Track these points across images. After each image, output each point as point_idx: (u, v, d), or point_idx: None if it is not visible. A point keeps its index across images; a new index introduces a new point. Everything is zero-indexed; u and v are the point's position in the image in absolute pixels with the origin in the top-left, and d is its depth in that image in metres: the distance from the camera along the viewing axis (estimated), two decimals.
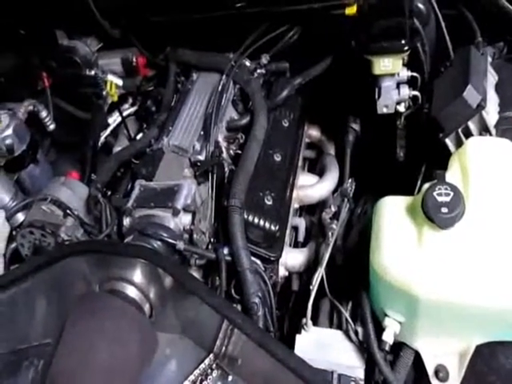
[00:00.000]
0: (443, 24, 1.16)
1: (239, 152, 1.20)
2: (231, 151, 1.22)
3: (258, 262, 1.06)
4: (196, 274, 1.08)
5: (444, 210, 0.76)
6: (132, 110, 1.54)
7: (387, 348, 0.85)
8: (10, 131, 1.25)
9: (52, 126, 1.43)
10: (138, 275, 0.87)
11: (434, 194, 0.78)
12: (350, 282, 0.99)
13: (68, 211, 1.09)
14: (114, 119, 1.53)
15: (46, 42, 1.51)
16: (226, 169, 1.17)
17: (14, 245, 1.13)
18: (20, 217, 1.20)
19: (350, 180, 1.18)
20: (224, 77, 1.31)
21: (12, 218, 1.20)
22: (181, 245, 0.98)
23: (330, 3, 1.23)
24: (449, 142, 1.01)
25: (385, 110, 1.17)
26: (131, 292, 0.87)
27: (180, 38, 1.45)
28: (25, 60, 1.51)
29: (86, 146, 1.42)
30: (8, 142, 1.24)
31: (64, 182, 1.18)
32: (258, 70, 1.36)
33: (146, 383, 0.87)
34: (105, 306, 0.84)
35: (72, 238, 1.08)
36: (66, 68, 1.46)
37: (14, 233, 1.17)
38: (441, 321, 0.81)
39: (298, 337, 0.94)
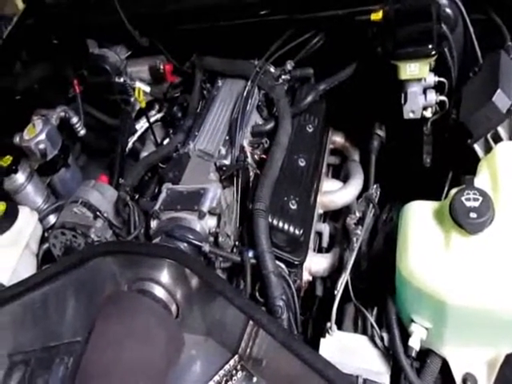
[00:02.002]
0: (471, 29, 1.15)
1: (264, 157, 1.21)
2: (256, 156, 1.23)
3: (283, 265, 1.07)
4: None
5: (473, 215, 0.75)
6: (159, 116, 1.57)
7: (413, 354, 0.84)
8: (43, 136, 1.29)
9: (82, 132, 1.47)
10: (165, 276, 0.89)
11: (463, 198, 0.78)
12: (375, 288, 0.98)
13: (98, 213, 1.12)
14: (141, 125, 1.56)
15: (78, 50, 1.56)
16: (251, 173, 1.18)
17: (46, 245, 1.17)
18: (52, 219, 1.24)
19: (375, 186, 1.18)
20: (249, 83, 1.32)
21: (44, 220, 1.24)
22: (206, 247, 1.00)
23: (355, 9, 1.24)
24: (477, 147, 1.00)
25: (411, 116, 1.17)
26: (159, 292, 0.89)
27: (206, 45, 1.48)
28: (57, 68, 1.56)
29: (115, 151, 1.45)
30: (41, 146, 1.28)
31: (94, 186, 1.21)
32: (283, 76, 1.37)
33: (172, 383, 0.89)
34: (134, 305, 0.86)
35: (101, 239, 1.11)
36: (97, 75, 1.50)
37: (46, 234, 1.20)
38: (469, 328, 0.80)
39: (322, 340, 0.94)
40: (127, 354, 0.81)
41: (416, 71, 1.12)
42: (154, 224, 1.07)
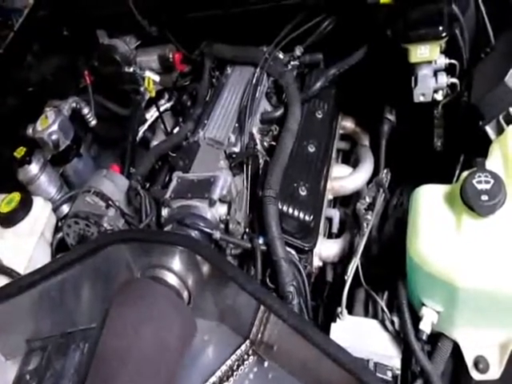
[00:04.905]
0: (483, 9, 1.12)
1: (273, 144, 1.21)
2: (265, 143, 1.23)
3: (293, 252, 1.07)
4: None
5: (484, 197, 0.75)
6: (168, 105, 1.57)
7: (424, 338, 0.84)
8: (55, 127, 1.31)
9: (94, 122, 1.48)
10: (177, 263, 0.90)
11: (474, 181, 0.77)
12: (385, 273, 0.98)
13: (110, 202, 1.14)
14: (152, 114, 1.57)
15: (88, 41, 1.57)
16: (261, 160, 1.18)
17: (60, 235, 1.19)
18: (65, 208, 1.26)
19: (385, 170, 1.18)
20: (258, 70, 1.32)
21: (58, 210, 1.26)
22: (217, 234, 1.00)
23: None
24: (489, 129, 0.99)
25: (422, 99, 1.15)
26: (171, 279, 0.90)
27: (214, 33, 1.47)
28: (68, 59, 1.58)
29: (126, 141, 1.47)
30: (54, 137, 1.30)
31: (106, 175, 1.23)
32: (292, 62, 1.37)
33: (185, 368, 0.90)
34: (147, 292, 0.87)
35: (114, 228, 1.13)
36: (107, 66, 1.51)
37: (59, 224, 1.23)
38: (481, 310, 0.80)
39: (333, 325, 0.94)
40: (142, 339, 0.82)
41: (426, 53, 1.10)
42: (165, 212, 1.09)
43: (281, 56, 1.39)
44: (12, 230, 1.16)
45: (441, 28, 1.06)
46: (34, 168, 1.27)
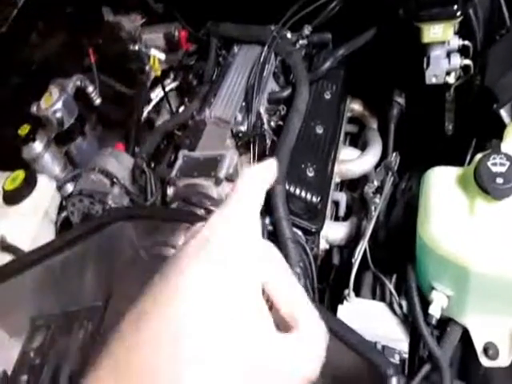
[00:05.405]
0: None
1: (281, 124, 1.19)
2: (273, 123, 1.21)
3: (300, 233, 1.06)
4: None
5: (499, 180, 0.73)
6: (174, 85, 1.55)
7: (433, 322, 0.83)
8: (59, 105, 1.29)
9: (98, 101, 1.46)
10: (182, 240, 0.89)
11: (489, 163, 0.75)
12: (393, 257, 0.97)
13: (115, 180, 1.13)
14: (157, 94, 1.54)
15: (93, 18, 1.54)
16: (268, 140, 1.16)
17: (64, 213, 1.18)
18: (69, 187, 1.25)
19: (394, 154, 1.16)
20: (265, 49, 1.29)
21: (62, 189, 1.25)
22: None
23: None
24: (504, 112, 0.97)
25: (434, 81, 1.12)
26: None
27: (221, 11, 1.44)
28: (73, 37, 1.55)
29: (130, 120, 1.45)
30: (58, 115, 1.28)
31: (111, 153, 1.21)
32: (300, 41, 1.34)
33: None
34: (152, 270, 0.86)
35: (119, 206, 1.11)
36: (112, 44, 1.49)
37: (64, 203, 1.22)
38: (492, 295, 0.78)
39: (340, 307, 0.94)
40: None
41: (439, 34, 1.07)
42: (170, 191, 1.07)
43: (289, 35, 1.36)
44: (16, 209, 1.15)
45: (455, 7, 1.03)
46: (38, 146, 1.26)
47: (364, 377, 0.74)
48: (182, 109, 1.39)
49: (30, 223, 1.14)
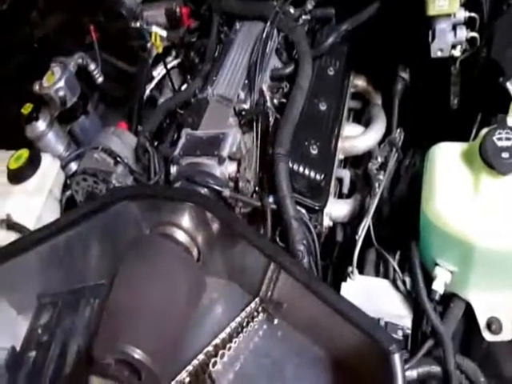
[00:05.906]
0: None
1: (284, 101, 1.18)
2: (275, 100, 1.20)
3: (303, 211, 1.06)
4: None
5: (504, 155, 0.72)
6: (176, 62, 1.53)
7: (437, 298, 0.84)
8: (62, 83, 1.28)
9: (100, 79, 1.45)
10: (186, 219, 0.89)
11: (494, 138, 0.74)
12: (397, 233, 0.97)
13: (118, 159, 1.12)
14: (159, 72, 1.52)
15: None
16: (271, 118, 1.15)
17: (68, 192, 1.18)
18: (73, 166, 1.25)
19: (398, 130, 1.15)
20: (268, 24, 1.27)
21: (66, 167, 1.25)
22: (227, 192, 0.99)
23: None
24: (510, 85, 0.95)
25: (439, 54, 1.10)
26: (180, 236, 0.90)
27: None
28: (73, 14, 1.52)
29: (133, 99, 1.43)
30: (61, 93, 1.27)
31: (114, 132, 1.21)
32: (303, 17, 1.32)
33: (194, 325, 0.91)
34: (156, 248, 0.87)
35: (122, 185, 1.11)
36: (113, 21, 1.46)
37: (68, 181, 1.22)
38: (496, 271, 0.79)
39: (343, 284, 0.94)
40: (151, 295, 0.82)
41: (445, 6, 1.05)
42: (173, 170, 1.07)
43: (291, 10, 1.33)
44: (20, 187, 1.16)
45: None
46: (41, 125, 1.25)
47: (368, 352, 0.75)
48: (184, 87, 1.38)
49: (35, 202, 1.15)
